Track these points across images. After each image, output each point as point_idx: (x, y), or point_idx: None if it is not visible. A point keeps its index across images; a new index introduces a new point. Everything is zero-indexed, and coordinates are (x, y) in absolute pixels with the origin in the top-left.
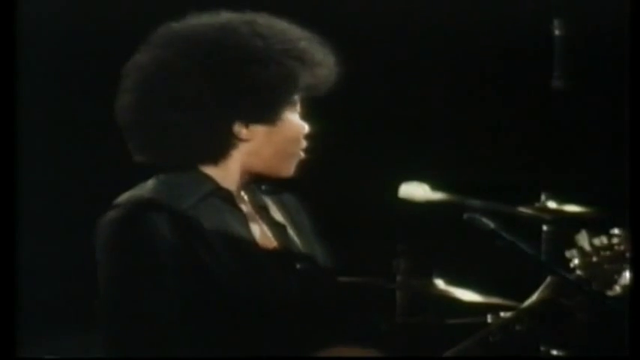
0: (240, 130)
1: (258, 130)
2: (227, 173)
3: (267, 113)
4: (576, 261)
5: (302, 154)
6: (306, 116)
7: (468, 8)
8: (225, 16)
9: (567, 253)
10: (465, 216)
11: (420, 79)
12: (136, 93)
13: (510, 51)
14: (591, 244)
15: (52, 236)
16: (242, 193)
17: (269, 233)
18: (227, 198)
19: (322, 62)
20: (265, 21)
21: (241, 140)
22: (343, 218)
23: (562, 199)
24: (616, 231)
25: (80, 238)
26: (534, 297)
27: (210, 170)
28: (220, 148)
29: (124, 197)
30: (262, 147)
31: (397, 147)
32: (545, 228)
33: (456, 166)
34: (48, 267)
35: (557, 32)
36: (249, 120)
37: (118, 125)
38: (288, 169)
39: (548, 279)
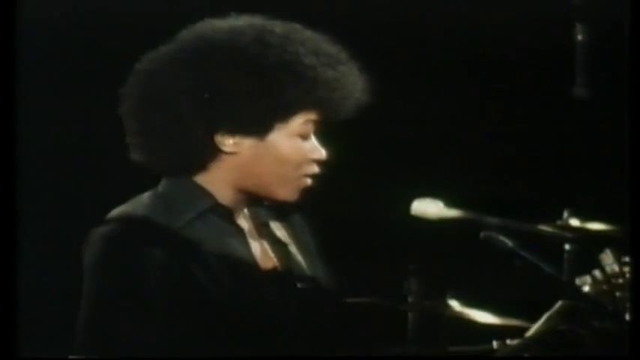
0: (223, 140)
1: (245, 144)
2: (220, 187)
3: (245, 124)
4: (587, 288)
5: (306, 181)
6: (321, 140)
7: (483, 17)
8: (238, 20)
9: (578, 281)
10: (482, 234)
11: (435, 90)
12: (131, 92)
13: (529, 59)
14: (604, 272)
15: (52, 236)
16: (245, 210)
17: (270, 252)
18: (225, 215)
19: (331, 82)
20: (283, 29)
21: (226, 152)
22: (352, 236)
23: (586, 216)
24: (627, 259)
25: (81, 238)
26: (543, 323)
27: (205, 183)
28: (202, 157)
29: (117, 212)
30: (250, 163)
31: (409, 161)
32: (567, 247)
33: (471, 182)
34: (48, 267)
35: (579, 37)
36: (229, 130)
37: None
38: (287, 193)
39: (559, 304)
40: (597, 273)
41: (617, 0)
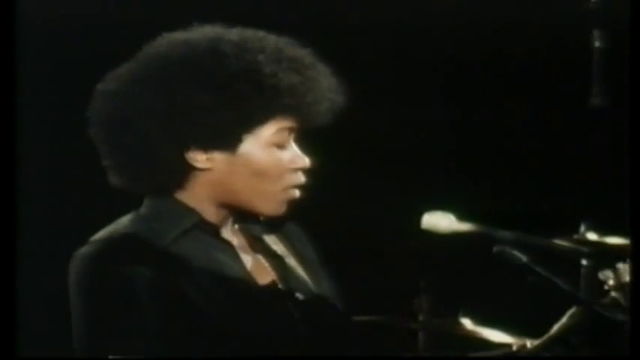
0: (195, 157)
1: (217, 158)
2: (203, 204)
3: (212, 138)
4: (611, 282)
5: (292, 192)
6: (308, 147)
7: (496, 21)
8: (195, 32)
9: (601, 275)
10: (495, 249)
11: (446, 99)
12: (96, 114)
13: (544, 67)
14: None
15: (52, 236)
16: (235, 225)
17: (268, 266)
18: (211, 231)
19: (296, 88)
20: (241, 37)
21: (200, 168)
22: (360, 251)
23: (604, 230)
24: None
25: (81, 238)
26: (564, 324)
27: (188, 201)
28: (177, 176)
29: (100, 233)
30: (226, 178)
31: (419, 173)
32: (584, 262)
33: (484, 194)
34: (48, 267)
35: (596, 44)
36: (198, 146)
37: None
38: (271, 207)
39: (571, 313)
40: (621, 266)
41: (637, 4)
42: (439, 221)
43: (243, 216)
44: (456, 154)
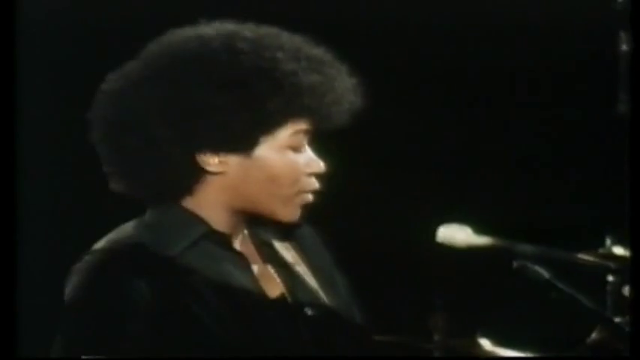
0: (206, 160)
1: (230, 162)
2: (213, 212)
3: (227, 140)
4: None
5: (306, 197)
6: (322, 151)
7: (519, 25)
8: (206, 28)
9: (628, 291)
10: (515, 264)
11: (463, 105)
12: (99, 116)
13: (567, 72)
14: None
15: (52, 236)
16: (245, 231)
17: (276, 276)
18: (222, 241)
19: (317, 88)
20: (257, 34)
21: (212, 173)
22: (371, 266)
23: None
24: None
25: (81, 238)
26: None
27: (196, 209)
28: (186, 180)
29: (101, 243)
30: (240, 182)
31: (435, 183)
32: (610, 278)
33: (503, 205)
34: (48, 266)
35: (623, 47)
36: (211, 148)
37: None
38: (286, 212)
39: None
40: None
41: None
42: (455, 234)
43: (254, 221)
44: (474, 163)
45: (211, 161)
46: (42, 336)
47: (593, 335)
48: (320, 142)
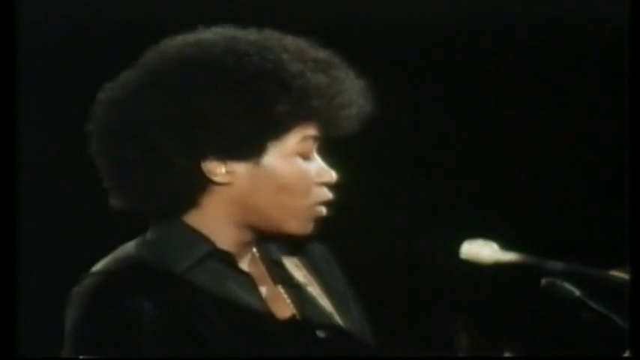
0: (213, 169)
1: (238, 171)
2: (218, 228)
3: (234, 147)
4: None
5: (319, 209)
6: (332, 160)
7: (526, 22)
8: (205, 32)
9: None
10: (544, 281)
11: (486, 113)
12: (97, 127)
13: (597, 82)
14: None
15: (52, 236)
16: (254, 250)
17: (286, 297)
18: (227, 261)
19: (325, 89)
20: (259, 36)
21: (218, 183)
22: (392, 283)
23: None
24: None
25: (81, 238)
26: None
27: (201, 225)
28: (190, 192)
29: (101, 264)
30: (249, 193)
31: (457, 194)
32: None
33: (531, 220)
34: (48, 266)
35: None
36: (217, 157)
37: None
38: (298, 226)
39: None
40: None
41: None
42: (480, 250)
43: (264, 239)
44: (499, 176)
45: (218, 170)
46: (42, 336)
47: (626, 355)
48: (329, 150)
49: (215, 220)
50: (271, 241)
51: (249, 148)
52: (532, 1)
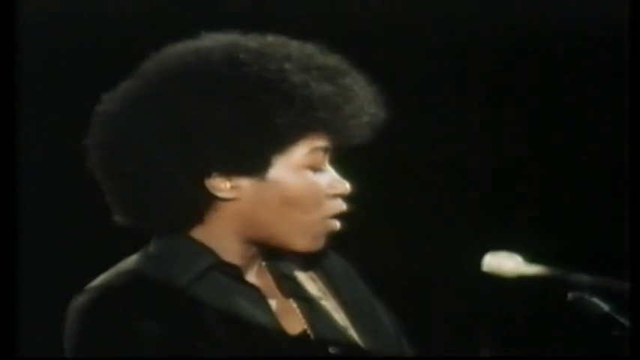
0: (217, 185)
1: (243, 186)
2: (225, 242)
3: (237, 162)
4: None
5: (332, 223)
6: (347, 172)
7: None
8: (205, 40)
9: None
10: (570, 295)
11: (508, 120)
12: (96, 141)
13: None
14: None
15: (52, 235)
16: (262, 263)
17: (298, 312)
18: (232, 273)
19: (331, 99)
20: (260, 44)
21: (223, 199)
22: (411, 297)
23: None
24: None
25: (82, 237)
26: None
27: (206, 239)
28: (195, 208)
29: (100, 278)
30: (255, 209)
31: (479, 205)
32: None
33: (557, 231)
34: (48, 266)
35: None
36: (221, 172)
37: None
38: (307, 242)
39: None
40: None
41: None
42: (503, 263)
43: (272, 252)
44: (523, 184)
45: (222, 186)
46: (42, 336)
47: None
48: (343, 160)
49: (220, 235)
50: (282, 255)
51: (253, 162)
52: (532, 1)
